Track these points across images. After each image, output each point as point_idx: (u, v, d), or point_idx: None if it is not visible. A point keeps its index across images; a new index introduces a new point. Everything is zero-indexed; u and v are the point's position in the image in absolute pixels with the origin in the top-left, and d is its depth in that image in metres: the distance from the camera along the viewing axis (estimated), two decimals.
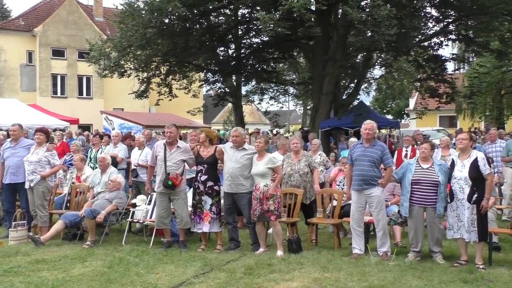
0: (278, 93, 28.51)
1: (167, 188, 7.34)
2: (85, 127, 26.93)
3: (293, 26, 13.74)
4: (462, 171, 6.45)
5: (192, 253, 7.12)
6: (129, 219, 8.21)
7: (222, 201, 7.69)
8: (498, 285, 5.61)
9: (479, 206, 6.30)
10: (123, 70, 17.66)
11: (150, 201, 8.31)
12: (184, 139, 11.73)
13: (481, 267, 6.26)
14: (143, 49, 16.92)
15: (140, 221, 8.18)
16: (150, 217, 8.03)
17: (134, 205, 8.47)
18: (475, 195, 6.33)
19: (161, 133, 16.94)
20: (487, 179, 6.36)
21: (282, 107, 34.78)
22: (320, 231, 8.49)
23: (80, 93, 33.08)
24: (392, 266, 6.34)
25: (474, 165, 6.37)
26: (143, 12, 15.70)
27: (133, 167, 9.86)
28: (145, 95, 19.68)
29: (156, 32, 16.13)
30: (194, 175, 7.91)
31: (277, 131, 27.00)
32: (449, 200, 6.56)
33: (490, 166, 6.53)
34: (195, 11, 15.87)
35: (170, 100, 20.75)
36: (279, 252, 6.98)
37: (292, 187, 7.93)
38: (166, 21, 16.00)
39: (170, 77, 19.83)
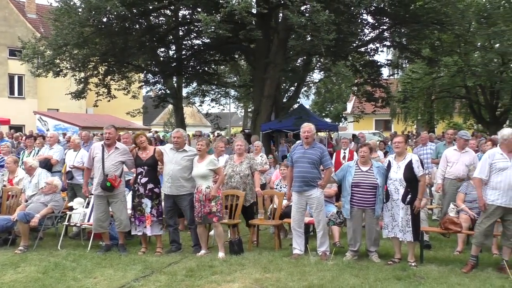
0: (219, 95, 28.55)
1: (105, 190, 7.16)
2: (17, 128, 25.73)
3: (235, 29, 13.83)
4: (397, 173, 6.70)
5: (132, 257, 6.99)
6: (66, 223, 7.94)
7: (163, 203, 7.61)
8: (429, 281, 5.88)
9: (412, 206, 6.59)
10: (58, 69, 17.06)
11: (88, 204, 8.08)
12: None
13: (413, 264, 6.55)
14: (80, 48, 16.43)
15: (77, 224, 7.93)
16: (88, 221, 7.81)
17: (71, 208, 8.20)
18: (409, 196, 6.61)
19: (99, 135, 16.51)
20: (420, 180, 6.66)
21: (223, 109, 34.82)
22: (261, 232, 8.58)
23: (12, 92, 31.48)
24: (331, 266, 6.51)
25: (409, 167, 6.64)
26: (80, 10, 15.25)
27: (68, 168, 9.55)
28: (82, 96, 19.09)
29: (93, 31, 15.72)
30: (131, 177, 7.79)
31: (218, 133, 27.00)
32: (384, 201, 6.82)
33: (423, 168, 6.84)
34: (135, 10, 15.61)
35: (109, 101, 20.27)
36: (221, 254, 6.99)
37: (232, 188, 7.96)
38: (104, 20, 15.62)
39: (109, 77, 19.37)
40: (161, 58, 20.14)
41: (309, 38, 13.80)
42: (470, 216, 7.16)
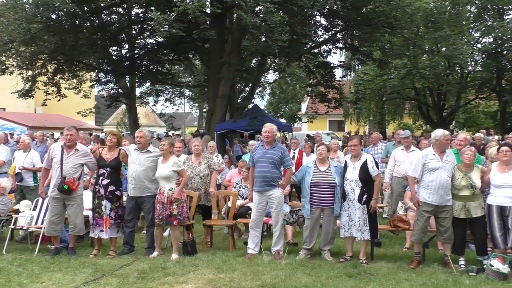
0: (173, 95, 28.25)
1: (62, 192, 6.95)
2: None
3: (188, 28, 13.70)
4: (353, 173, 6.86)
5: (82, 260, 6.82)
6: (11, 226, 7.64)
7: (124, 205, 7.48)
8: (378, 277, 6.05)
9: (368, 206, 6.74)
10: (4, 67, 16.41)
11: (36, 206, 7.82)
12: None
13: (364, 262, 6.72)
14: (27, 45, 15.85)
15: (24, 228, 7.65)
16: (36, 224, 7.56)
17: (17, 211, 7.90)
18: (365, 196, 6.76)
19: (48, 135, 16.01)
20: (375, 180, 6.83)
21: (178, 109, 34.51)
22: (216, 233, 8.58)
23: None
24: (284, 265, 6.57)
25: (364, 168, 6.81)
26: (27, 6, 14.73)
27: (17, 170, 9.20)
28: (30, 95, 18.43)
29: (42, 28, 15.20)
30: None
31: (173, 133, 26.72)
32: (341, 201, 6.94)
33: (378, 168, 7.01)
34: (85, 8, 15.23)
35: (59, 100, 19.65)
36: (174, 256, 6.94)
37: (192, 189, 7.90)
38: (53, 16, 15.14)
39: (58, 76, 18.77)
40: (113, 57, 19.71)
41: (263, 39, 13.86)
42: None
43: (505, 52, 24.62)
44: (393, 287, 5.67)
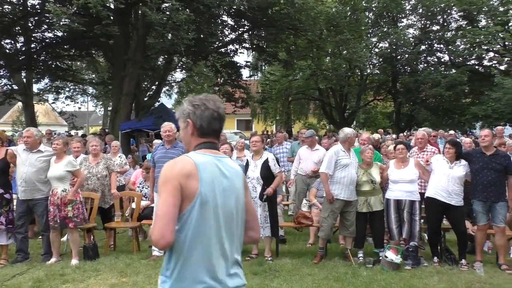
0: (75, 93, 26.96)
1: None
2: None
3: (90, 23, 13.11)
4: (255, 171, 6.93)
5: None
6: None
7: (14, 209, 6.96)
8: (283, 274, 6.17)
9: (270, 204, 6.84)
10: None
11: None
12: None
13: (269, 259, 6.83)
14: None
15: None
16: None
17: None
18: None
19: None
20: (277, 176, 6.95)
21: (80, 108, 32.99)
22: (120, 235, 8.30)
23: None
24: None
25: (265, 165, 6.91)
26: None
27: None
28: None
29: None
30: None
31: (76, 132, 25.45)
32: None
33: (279, 166, 7.14)
34: None
35: None
36: (74, 261, 6.61)
37: (89, 190, 7.56)
38: None
39: None
40: (7, 50, 18.34)
41: (169, 37, 13.63)
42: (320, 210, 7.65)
43: (399, 57, 26.36)
44: (296, 283, 5.81)
